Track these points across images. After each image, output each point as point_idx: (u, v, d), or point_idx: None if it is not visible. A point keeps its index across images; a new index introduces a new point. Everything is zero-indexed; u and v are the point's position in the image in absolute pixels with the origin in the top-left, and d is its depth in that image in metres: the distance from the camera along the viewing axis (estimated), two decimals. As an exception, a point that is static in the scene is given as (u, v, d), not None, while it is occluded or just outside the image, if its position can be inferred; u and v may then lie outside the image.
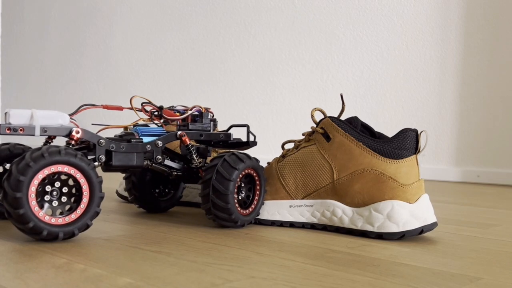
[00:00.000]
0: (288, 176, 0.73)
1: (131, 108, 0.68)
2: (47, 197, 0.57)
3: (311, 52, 2.05)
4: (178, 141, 0.78)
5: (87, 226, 0.59)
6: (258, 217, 0.73)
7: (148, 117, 0.70)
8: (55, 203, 0.58)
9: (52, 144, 0.68)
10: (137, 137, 0.68)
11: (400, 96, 1.86)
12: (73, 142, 0.62)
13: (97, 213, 0.59)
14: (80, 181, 0.58)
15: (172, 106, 0.73)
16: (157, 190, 0.83)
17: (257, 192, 0.72)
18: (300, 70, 2.07)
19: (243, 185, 0.71)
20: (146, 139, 0.68)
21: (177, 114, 0.72)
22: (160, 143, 0.68)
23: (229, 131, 0.77)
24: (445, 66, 1.78)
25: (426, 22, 1.82)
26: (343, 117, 1.94)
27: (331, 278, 0.46)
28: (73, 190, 0.59)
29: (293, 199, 0.72)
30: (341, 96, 0.73)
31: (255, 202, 0.72)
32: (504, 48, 1.68)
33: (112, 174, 1.63)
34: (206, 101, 2.34)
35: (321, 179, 0.70)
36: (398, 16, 1.87)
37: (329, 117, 0.72)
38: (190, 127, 0.72)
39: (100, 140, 0.64)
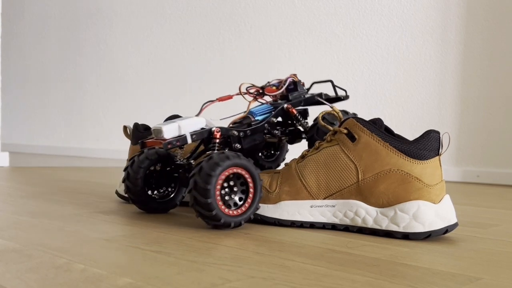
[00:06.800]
0: (309, 176, 0.72)
1: (240, 94, 0.80)
2: (225, 192, 0.68)
3: (311, 52, 2.05)
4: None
5: (249, 219, 0.70)
6: (278, 217, 0.72)
7: (253, 98, 0.82)
8: (232, 197, 0.69)
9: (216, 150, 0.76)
10: (253, 118, 0.80)
11: (400, 96, 1.86)
12: (217, 141, 0.74)
13: (256, 209, 0.70)
14: (248, 181, 0.69)
15: (268, 82, 0.84)
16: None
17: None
18: (300, 70, 2.07)
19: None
20: (260, 118, 0.80)
21: (274, 88, 0.83)
22: (274, 119, 0.81)
23: (311, 88, 0.91)
24: (445, 66, 1.78)
25: (426, 22, 1.82)
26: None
27: (331, 278, 0.46)
28: (243, 189, 0.70)
29: (315, 199, 0.71)
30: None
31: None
32: (504, 48, 1.68)
33: (111, 174, 1.63)
34: (206, 100, 2.34)
35: (346, 179, 0.70)
36: (398, 16, 1.87)
37: (353, 117, 0.72)
38: (290, 97, 0.84)
39: (233, 132, 0.76)
